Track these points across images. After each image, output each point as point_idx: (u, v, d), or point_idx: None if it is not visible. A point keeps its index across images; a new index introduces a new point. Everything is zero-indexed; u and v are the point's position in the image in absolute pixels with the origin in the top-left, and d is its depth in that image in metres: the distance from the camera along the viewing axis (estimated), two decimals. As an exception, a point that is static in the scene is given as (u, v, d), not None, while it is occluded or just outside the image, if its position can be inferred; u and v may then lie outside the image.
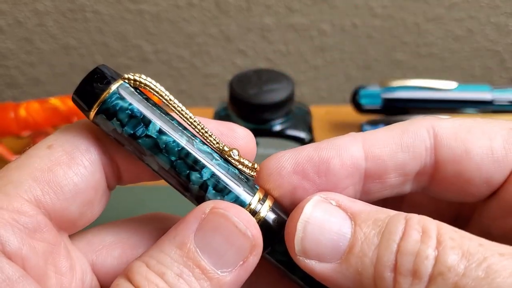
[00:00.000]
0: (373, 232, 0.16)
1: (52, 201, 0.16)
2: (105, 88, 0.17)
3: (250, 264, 0.17)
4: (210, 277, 0.16)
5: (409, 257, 0.15)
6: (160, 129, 0.17)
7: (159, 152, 0.17)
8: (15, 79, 0.60)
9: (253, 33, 0.58)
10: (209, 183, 0.17)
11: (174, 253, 0.16)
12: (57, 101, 0.42)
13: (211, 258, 0.16)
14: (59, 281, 0.17)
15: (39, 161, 0.17)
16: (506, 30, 0.59)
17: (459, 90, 0.45)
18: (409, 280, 0.15)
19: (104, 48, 0.58)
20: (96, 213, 0.18)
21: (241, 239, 0.16)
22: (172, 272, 0.16)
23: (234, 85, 0.39)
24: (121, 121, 0.17)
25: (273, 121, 0.40)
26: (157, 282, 0.15)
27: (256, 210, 0.17)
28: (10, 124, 0.42)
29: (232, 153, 0.18)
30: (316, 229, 0.16)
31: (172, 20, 0.57)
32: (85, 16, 0.56)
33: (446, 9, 0.57)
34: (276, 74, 0.41)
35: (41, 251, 0.16)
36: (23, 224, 0.16)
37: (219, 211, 0.16)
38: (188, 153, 0.17)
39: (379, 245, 0.15)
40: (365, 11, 0.57)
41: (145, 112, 0.17)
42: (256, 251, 0.17)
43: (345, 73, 0.62)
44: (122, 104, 0.17)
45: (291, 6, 0.56)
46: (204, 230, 0.16)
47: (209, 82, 0.62)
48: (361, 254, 0.15)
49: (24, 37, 0.57)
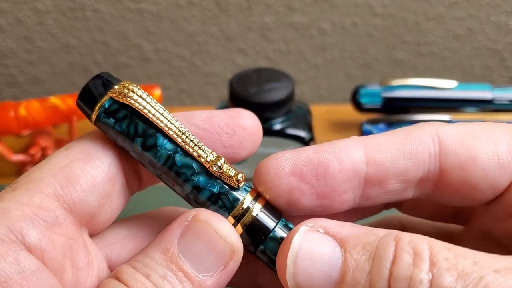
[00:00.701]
0: (363, 258, 0.15)
1: (70, 194, 0.17)
2: (93, 106, 0.18)
3: (230, 269, 0.17)
4: (192, 280, 0.16)
5: (402, 282, 0.14)
6: (142, 145, 0.18)
7: (146, 166, 0.18)
8: (15, 78, 0.60)
9: (253, 32, 0.58)
10: (191, 196, 0.18)
11: (159, 257, 0.16)
12: (57, 100, 0.42)
13: (193, 263, 0.16)
14: (75, 276, 0.17)
15: (57, 160, 0.17)
16: (506, 29, 0.59)
17: (459, 89, 0.45)
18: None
19: (104, 47, 0.58)
20: (115, 210, 0.19)
21: (222, 245, 0.17)
22: (157, 274, 0.16)
23: (234, 84, 0.39)
24: (112, 136, 0.18)
25: (273, 120, 0.40)
26: (143, 281, 0.16)
27: (245, 211, 0.18)
28: (10, 123, 0.42)
29: (215, 165, 0.18)
30: (306, 262, 0.16)
31: (172, 19, 0.57)
32: (85, 15, 0.56)
33: (447, 8, 0.57)
34: (276, 73, 0.41)
35: (59, 245, 0.16)
36: (43, 218, 0.16)
37: (201, 218, 0.17)
38: (170, 168, 0.18)
39: (371, 272, 0.15)
40: (366, 10, 0.57)
41: (129, 128, 0.18)
42: (236, 258, 0.17)
43: (345, 72, 0.62)
44: (109, 123, 0.18)
45: (291, 5, 0.56)
46: (187, 237, 0.17)
47: (209, 81, 0.62)
48: (353, 282, 0.15)
49: (24, 36, 0.57)
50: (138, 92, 0.18)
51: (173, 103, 0.62)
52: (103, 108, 0.18)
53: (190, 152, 0.18)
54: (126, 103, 0.18)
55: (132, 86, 0.18)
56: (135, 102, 0.18)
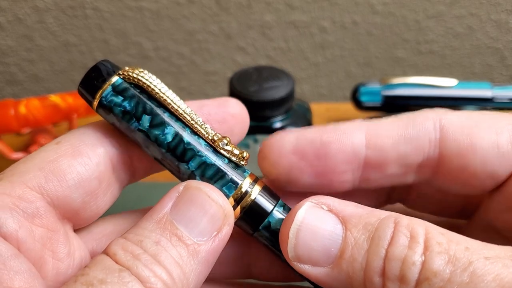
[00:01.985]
0: (363, 237, 0.16)
1: (55, 188, 0.17)
2: (100, 85, 0.18)
3: (224, 235, 0.17)
4: (187, 244, 0.16)
5: (396, 262, 0.15)
6: (150, 123, 0.18)
7: (151, 145, 0.18)
8: (15, 76, 0.60)
9: (253, 30, 0.58)
10: (196, 173, 0.18)
11: (152, 226, 0.16)
12: (57, 98, 0.42)
13: (187, 227, 0.16)
14: (56, 266, 0.17)
15: (46, 154, 0.17)
16: (506, 27, 0.59)
17: (459, 87, 0.45)
18: (396, 285, 0.15)
19: (104, 45, 0.58)
20: (101, 207, 0.19)
21: (214, 208, 0.17)
22: (149, 239, 0.16)
23: (234, 82, 0.39)
24: (117, 116, 0.18)
25: (273, 118, 0.40)
26: (132, 249, 0.16)
27: (245, 193, 0.18)
28: (10, 121, 0.42)
29: (222, 142, 0.18)
30: (308, 235, 0.17)
31: (172, 17, 0.57)
32: (85, 13, 0.56)
33: (447, 6, 0.57)
34: (276, 71, 0.41)
35: (38, 236, 0.17)
36: (22, 208, 0.16)
37: (192, 185, 0.17)
38: (177, 145, 0.18)
39: (369, 250, 0.16)
40: (366, 8, 0.57)
41: (137, 107, 0.18)
42: (229, 222, 0.17)
43: (345, 70, 0.62)
44: (116, 101, 0.18)
45: (291, 3, 0.56)
46: (179, 205, 0.17)
47: (210, 79, 0.62)
48: (351, 259, 0.16)
49: (24, 34, 0.57)
50: (147, 73, 0.18)
51: (173, 101, 0.63)
52: (112, 86, 0.18)
53: (197, 130, 0.18)
54: (136, 82, 0.18)
55: (140, 69, 0.18)
56: (146, 81, 0.18)
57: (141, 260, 0.15)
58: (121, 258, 0.15)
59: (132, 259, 0.15)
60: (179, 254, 0.16)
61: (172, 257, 0.16)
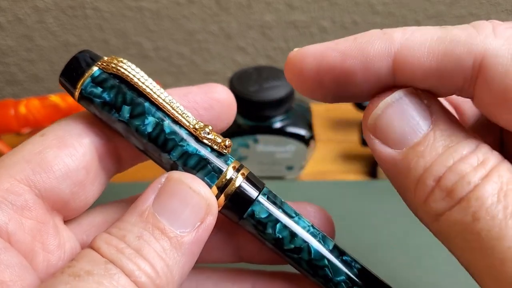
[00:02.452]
0: (442, 142, 0.16)
1: (42, 180, 0.17)
2: (80, 77, 0.18)
3: (207, 225, 0.17)
4: (170, 236, 0.16)
5: (455, 176, 0.15)
6: (130, 113, 0.18)
7: (132, 135, 0.18)
8: (15, 76, 0.60)
9: (253, 30, 0.58)
10: (178, 163, 0.18)
11: (134, 220, 0.16)
12: (57, 98, 0.42)
13: (169, 220, 0.16)
14: (46, 258, 0.17)
15: (32, 146, 0.18)
16: (506, 27, 0.59)
17: (460, 87, 0.45)
18: (443, 195, 0.15)
19: (104, 45, 0.58)
20: (90, 197, 0.19)
21: (196, 199, 0.17)
22: (132, 234, 0.16)
23: (234, 82, 0.39)
24: (97, 107, 0.18)
25: (273, 118, 0.40)
26: (116, 243, 0.16)
27: (229, 181, 0.18)
28: (10, 121, 0.42)
29: (203, 131, 0.18)
30: (394, 114, 0.16)
31: (172, 17, 0.57)
32: (85, 13, 0.56)
33: (447, 6, 0.57)
34: (276, 71, 0.41)
35: (28, 228, 0.17)
36: (11, 201, 0.16)
37: (174, 177, 0.17)
38: (157, 135, 0.18)
39: (441, 155, 0.15)
40: (366, 8, 0.57)
41: (117, 97, 0.18)
42: (212, 212, 0.17)
43: (345, 70, 0.62)
44: (96, 92, 0.18)
45: (292, 3, 0.56)
46: (161, 197, 0.17)
47: (210, 79, 0.62)
48: (420, 154, 0.16)
49: (24, 34, 0.57)
50: (126, 63, 0.18)
51: (173, 101, 0.62)
52: (91, 77, 0.18)
53: (178, 119, 0.18)
54: (115, 72, 0.18)
55: (120, 59, 0.18)
56: (125, 71, 0.18)
57: (124, 253, 0.15)
58: (105, 252, 0.16)
59: (116, 253, 0.15)
60: (162, 247, 0.16)
61: (155, 251, 0.16)
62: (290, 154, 0.41)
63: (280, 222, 0.19)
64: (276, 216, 0.19)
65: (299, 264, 0.19)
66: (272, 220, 0.18)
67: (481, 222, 0.14)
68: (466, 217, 0.15)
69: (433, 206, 0.15)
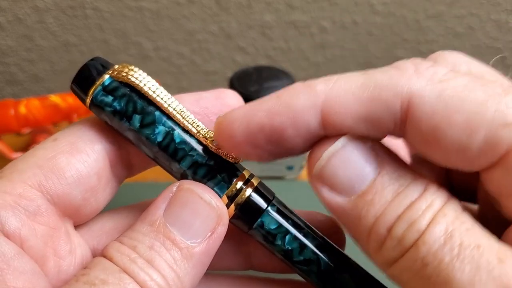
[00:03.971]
0: (391, 187, 0.15)
1: (55, 186, 0.17)
2: (91, 85, 0.18)
3: (218, 235, 0.17)
4: (180, 247, 0.16)
5: (405, 224, 0.15)
6: (141, 123, 0.18)
7: (142, 144, 0.18)
8: (15, 76, 0.60)
9: (253, 30, 0.58)
10: (188, 172, 0.18)
11: (145, 229, 0.16)
12: (57, 98, 0.42)
13: (180, 230, 0.16)
14: (58, 264, 0.17)
15: (44, 152, 0.17)
16: (506, 27, 0.59)
17: (460, 87, 0.45)
18: (394, 243, 0.15)
19: (104, 45, 0.58)
20: (101, 203, 0.19)
21: (207, 210, 0.17)
22: (143, 244, 0.16)
23: (235, 82, 0.39)
24: (108, 115, 0.18)
25: (274, 118, 0.40)
26: (128, 253, 0.16)
27: (239, 191, 0.18)
28: (10, 121, 0.42)
29: (214, 140, 0.18)
30: (339, 163, 0.16)
31: (172, 17, 0.57)
32: (85, 13, 0.56)
33: (447, 6, 0.57)
34: (276, 71, 0.41)
35: (40, 234, 0.17)
36: (24, 206, 0.16)
37: (185, 187, 0.17)
38: (168, 145, 0.18)
39: (390, 203, 0.15)
40: (366, 8, 0.57)
41: (127, 106, 0.18)
42: (223, 222, 0.17)
43: (345, 70, 0.62)
44: (107, 100, 0.18)
45: (292, 3, 0.56)
46: (172, 207, 0.17)
47: (210, 79, 0.62)
48: (370, 203, 0.15)
49: (24, 34, 0.57)
50: (137, 71, 0.18)
51: (173, 101, 0.62)
52: (102, 86, 0.18)
53: (188, 129, 0.18)
54: (125, 81, 0.18)
55: (131, 67, 0.18)
56: (136, 79, 0.18)
57: (137, 263, 0.16)
58: (118, 261, 0.16)
59: (129, 262, 0.16)
60: (173, 258, 0.16)
61: (166, 262, 0.16)
62: (290, 154, 0.41)
63: (290, 233, 0.18)
64: (286, 227, 0.18)
65: (308, 275, 0.19)
66: (282, 231, 0.18)
67: (430, 267, 0.14)
68: (416, 263, 0.14)
69: (386, 255, 0.15)
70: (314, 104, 0.16)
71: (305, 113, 0.16)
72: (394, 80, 0.16)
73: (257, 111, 0.17)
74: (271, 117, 0.16)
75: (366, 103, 0.16)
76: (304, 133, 0.16)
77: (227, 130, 0.17)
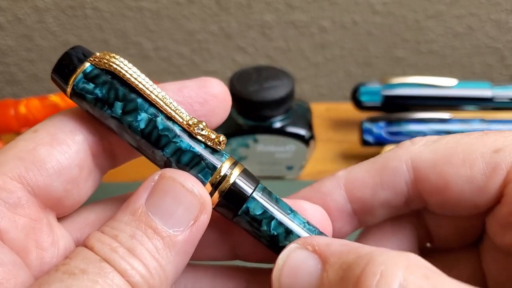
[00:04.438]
0: (336, 277, 0.15)
1: (35, 177, 0.17)
2: (72, 73, 0.18)
3: (201, 224, 0.17)
4: (162, 236, 0.16)
5: None
6: (123, 110, 0.18)
7: (125, 132, 0.18)
8: (15, 76, 0.60)
9: (253, 30, 0.58)
10: (172, 160, 0.18)
11: (127, 218, 0.16)
12: (57, 98, 0.42)
13: (162, 219, 0.16)
14: (40, 256, 0.17)
15: (24, 143, 0.17)
16: (506, 27, 0.59)
17: (459, 87, 0.45)
18: None
19: (104, 45, 0.58)
20: (84, 194, 0.19)
21: (189, 197, 0.17)
22: (125, 234, 0.16)
23: (234, 82, 0.39)
24: (89, 103, 0.18)
25: (273, 118, 0.40)
26: (109, 242, 0.16)
27: (223, 178, 0.18)
28: (10, 121, 0.42)
29: (197, 127, 0.18)
30: (289, 279, 0.17)
31: (172, 17, 0.57)
32: (85, 13, 0.56)
33: (447, 6, 0.57)
34: (276, 71, 0.41)
35: (21, 226, 0.17)
36: (4, 199, 0.16)
37: (167, 175, 0.17)
38: (150, 132, 0.18)
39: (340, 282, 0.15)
40: (365, 8, 0.57)
41: (109, 93, 0.18)
42: (206, 210, 0.17)
43: (345, 70, 0.62)
44: (88, 88, 0.18)
45: (291, 3, 0.56)
46: (154, 196, 0.17)
47: (209, 79, 0.62)
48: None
49: (24, 34, 0.57)
50: (119, 59, 0.18)
51: (173, 101, 0.62)
52: (83, 73, 0.18)
53: (172, 116, 0.18)
54: (107, 68, 0.18)
55: (112, 54, 0.18)
56: (117, 66, 0.18)
57: (118, 253, 0.15)
58: (99, 251, 0.15)
59: (110, 252, 0.15)
60: (155, 247, 0.16)
61: (147, 251, 0.16)
62: (290, 154, 0.41)
63: (275, 219, 0.18)
64: (271, 213, 0.18)
65: None
66: (267, 217, 0.18)
67: None
68: None
69: None
70: (338, 185, 0.20)
71: (332, 194, 0.20)
72: (396, 151, 0.19)
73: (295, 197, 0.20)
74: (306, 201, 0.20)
75: (378, 173, 0.19)
76: (334, 210, 0.20)
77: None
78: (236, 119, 0.40)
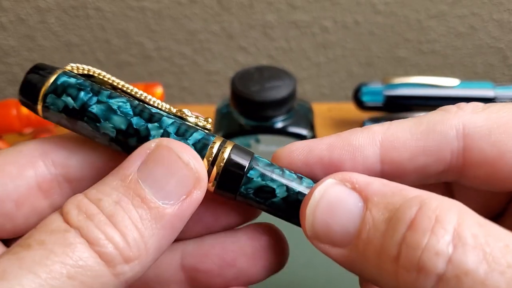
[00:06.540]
0: (382, 218, 0.14)
1: None
2: (48, 74, 0.18)
3: (193, 200, 0.16)
4: (150, 206, 0.15)
5: (414, 250, 0.13)
6: (110, 94, 0.18)
7: (114, 114, 0.17)
8: (17, 76, 0.60)
9: (255, 30, 0.58)
10: (170, 130, 0.17)
11: (116, 183, 0.15)
12: (59, 98, 0.42)
13: (152, 188, 0.15)
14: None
15: None
16: (508, 27, 0.59)
17: (462, 87, 0.45)
18: (413, 276, 0.13)
19: (106, 45, 0.58)
20: (24, 228, 0.17)
21: (184, 170, 0.16)
22: (109, 198, 0.15)
23: (236, 82, 0.39)
24: (71, 95, 0.17)
25: (275, 118, 0.40)
26: (88, 208, 0.15)
27: (218, 153, 0.17)
28: (12, 121, 0.42)
29: (183, 111, 0.18)
30: (325, 213, 0.16)
31: (174, 17, 0.57)
32: (87, 13, 0.56)
33: (449, 5, 0.57)
34: (278, 71, 0.41)
35: None
36: None
37: (163, 144, 0.16)
38: (142, 111, 0.17)
39: (385, 233, 0.14)
40: (367, 8, 0.57)
41: (92, 86, 0.18)
42: (200, 186, 0.16)
43: (347, 70, 0.62)
44: (70, 81, 0.18)
45: (293, 3, 0.56)
46: (148, 164, 0.16)
47: (211, 79, 0.62)
48: (367, 241, 0.14)
49: (26, 34, 0.57)
50: (89, 67, 0.18)
51: (175, 101, 0.62)
52: (51, 87, 0.18)
53: (157, 104, 0.18)
54: (81, 72, 0.18)
55: (79, 65, 0.18)
56: (94, 72, 0.18)
57: (93, 220, 0.14)
58: (72, 218, 0.15)
59: (84, 219, 0.14)
60: (140, 216, 0.15)
61: (130, 219, 0.15)
62: (291, 154, 0.41)
63: (283, 185, 0.18)
64: (275, 179, 0.18)
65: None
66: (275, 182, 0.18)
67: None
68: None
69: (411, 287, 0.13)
70: (373, 141, 0.17)
71: (364, 149, 0.17)
72: (445, 116, 0.17)
73: (318, 144, 0.18)
74: (331, 150, 0.17)
75: (423, 136, 0.17)
76: (361, 168, 0.17)
77: (286, 158, 0.18)
78: (238, 119, 0.40)
